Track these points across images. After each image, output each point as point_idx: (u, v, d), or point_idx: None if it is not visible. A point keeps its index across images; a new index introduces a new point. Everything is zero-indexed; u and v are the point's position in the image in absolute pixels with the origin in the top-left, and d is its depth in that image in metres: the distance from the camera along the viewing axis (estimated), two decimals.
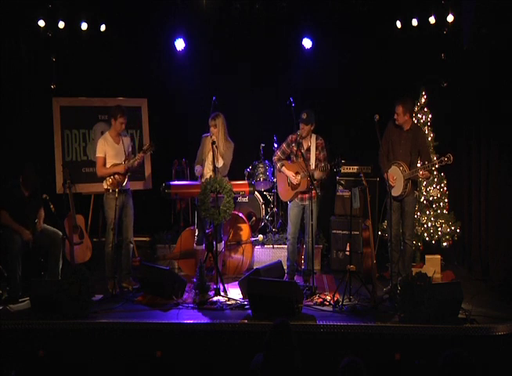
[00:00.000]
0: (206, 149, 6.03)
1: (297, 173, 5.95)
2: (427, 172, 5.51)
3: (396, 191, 5.70)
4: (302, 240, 6.34)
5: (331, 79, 7.24)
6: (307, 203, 5.94)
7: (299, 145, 5.92)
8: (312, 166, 5.88)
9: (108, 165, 5.84)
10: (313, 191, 5.74)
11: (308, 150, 5.97)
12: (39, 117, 7.11)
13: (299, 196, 6.01)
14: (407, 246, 5.81)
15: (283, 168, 6.03)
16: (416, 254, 6.58)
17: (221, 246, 6.11)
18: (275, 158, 6.13)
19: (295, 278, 6.19)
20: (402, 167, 5.64)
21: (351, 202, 5.83)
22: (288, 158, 6.09)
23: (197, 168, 6.04)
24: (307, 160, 5.84)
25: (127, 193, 5.95)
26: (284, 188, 6.10)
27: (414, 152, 5.71)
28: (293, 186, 6.00)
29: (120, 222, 5.92)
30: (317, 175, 5.83)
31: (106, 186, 5.82)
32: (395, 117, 5.70)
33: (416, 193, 5.88)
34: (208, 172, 6.01)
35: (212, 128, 5.98)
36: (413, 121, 5.94)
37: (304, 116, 5.85)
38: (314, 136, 6.00)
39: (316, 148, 5.96)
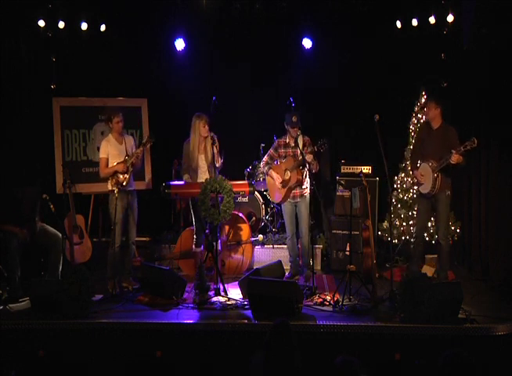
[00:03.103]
0: (196, 152, 6.02)
1: (285, 170, 6.06)
2: (457, 156, 5.38)
3: (425, 188, 5.71)
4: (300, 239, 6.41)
5: (331, 79, 7.24)
6: (299, 200, 6.07)
7: (295, 144, 6.02)
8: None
9: (111, 165, 5.84)
10: (304, 190, 5.94)
11: (296, 148, 6.07)
12: (39, 117, 7.10)
13: (291, 194, 6.09)
14: (442, 246, 5.80)
15: (270, 170, 6.18)
16: None
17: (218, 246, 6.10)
18: (262, 164, 6.29)
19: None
20: (432, 163, 5.62)
21: (351, 202, 5.83)
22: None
23: (185, 177, 6.07)
24: (297, 156, 5.99)
25: (132, 194, 5.94)
26: (276, 190, 6.18)
27: (444, 150, 5.57)
28: (284, 183, 6.05)
29: (126, 223, 5.91)
30: (308, 157, 5.84)
31: (110, 187, 5.80)
32: (426, 111, 5.77)
33: (448, 192, 5.83)
34: (204, 172, 6.03)
35: (205, 128, 5.96)
36: (444, 121, 5.84)
37: (294, 119, 5.96)
38: (300, 135, 6.10)
39: (304, 145, 6.08)
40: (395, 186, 6.90)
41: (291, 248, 6.28)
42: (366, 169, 6.93)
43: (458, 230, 6.66)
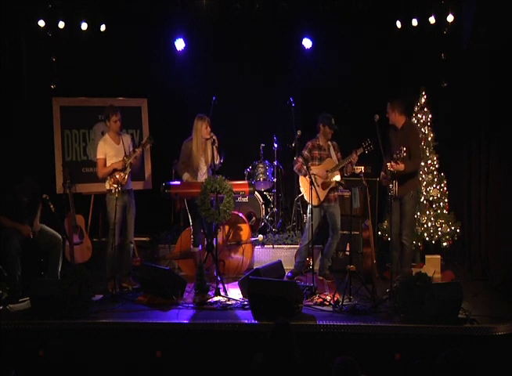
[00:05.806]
0: (197, 154, 5.99)
1: (326, 172, 6.05)
2: (392, 163, 5.55)
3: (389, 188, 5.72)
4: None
5: (331, 79, 7.24)
6: (333, 204, 6.11)
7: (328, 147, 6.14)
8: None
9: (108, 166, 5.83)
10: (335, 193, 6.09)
11: (329, 150, 6.16)
12: (39, 117, 7.10)
13: (327, 197, 6.08)
14: (404, 246, 5.82)
15: (311, 171, 5.99)
16: (416, 254, 6.57)
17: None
18: (298, 166, 6.07)
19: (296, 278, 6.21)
20: (389, 162, 5.63)
21: (351, 202, 5.83)
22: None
23: (185, 176, 6.01)
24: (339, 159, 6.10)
25: (129, 194, 5.95)
26: (315, 191, 6.00)
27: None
28: (325, 185, 6.05)
29: (123, 223, 5.91)
30: (354, 159, 5.95)
31: (108, 187, 5.80)
32: (387, 115, 5.83)
33: (413, 193, 5.86)
34: (204, 174, 6.02)
35: (207, 130, 5.94)
36: (408, 120, 5.95)
37: (333, 121, 6.03)
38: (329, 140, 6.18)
39: (334, 149, 6.18)
40: None
41: (304, 253, 6.22)
42: (366, 169, 6.93)
43: (458, 230, 6.66)
